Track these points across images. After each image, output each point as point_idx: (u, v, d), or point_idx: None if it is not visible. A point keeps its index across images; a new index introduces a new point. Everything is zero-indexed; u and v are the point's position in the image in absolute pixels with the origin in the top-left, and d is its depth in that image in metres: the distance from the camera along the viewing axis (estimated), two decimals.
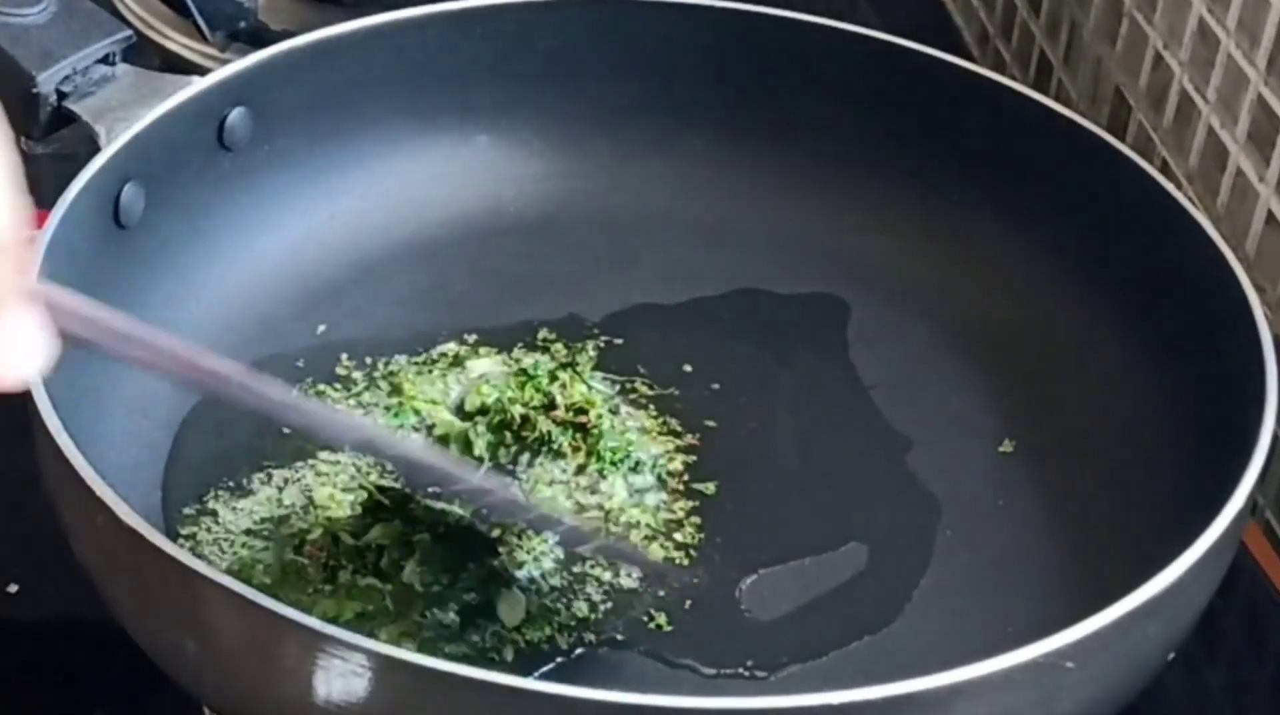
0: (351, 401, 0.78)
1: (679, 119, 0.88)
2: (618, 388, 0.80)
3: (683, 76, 0.88)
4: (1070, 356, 0.81)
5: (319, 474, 0.74)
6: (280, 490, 0.73)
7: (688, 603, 0.70)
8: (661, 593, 0.70)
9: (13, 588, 0.74)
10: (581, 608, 0.70)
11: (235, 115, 0.80)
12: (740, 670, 0.68)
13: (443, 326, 0.82)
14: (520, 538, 0.71)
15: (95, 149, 0.75)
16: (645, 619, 0.70)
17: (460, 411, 0.77)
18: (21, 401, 0.65)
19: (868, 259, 0.86)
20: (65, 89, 0.77)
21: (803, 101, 0.87)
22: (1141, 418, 0.77)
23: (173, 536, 0.71)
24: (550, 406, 0.75)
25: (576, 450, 0.75)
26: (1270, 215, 0.80)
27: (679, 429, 0.78)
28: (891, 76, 0.86)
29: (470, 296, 0.84)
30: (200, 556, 0.70)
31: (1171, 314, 0.78)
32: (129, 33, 0.79)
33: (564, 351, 0.81)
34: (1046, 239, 0.83)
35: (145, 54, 0.91)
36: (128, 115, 0.76)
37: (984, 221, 0.85)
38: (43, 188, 0.91)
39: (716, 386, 0.80)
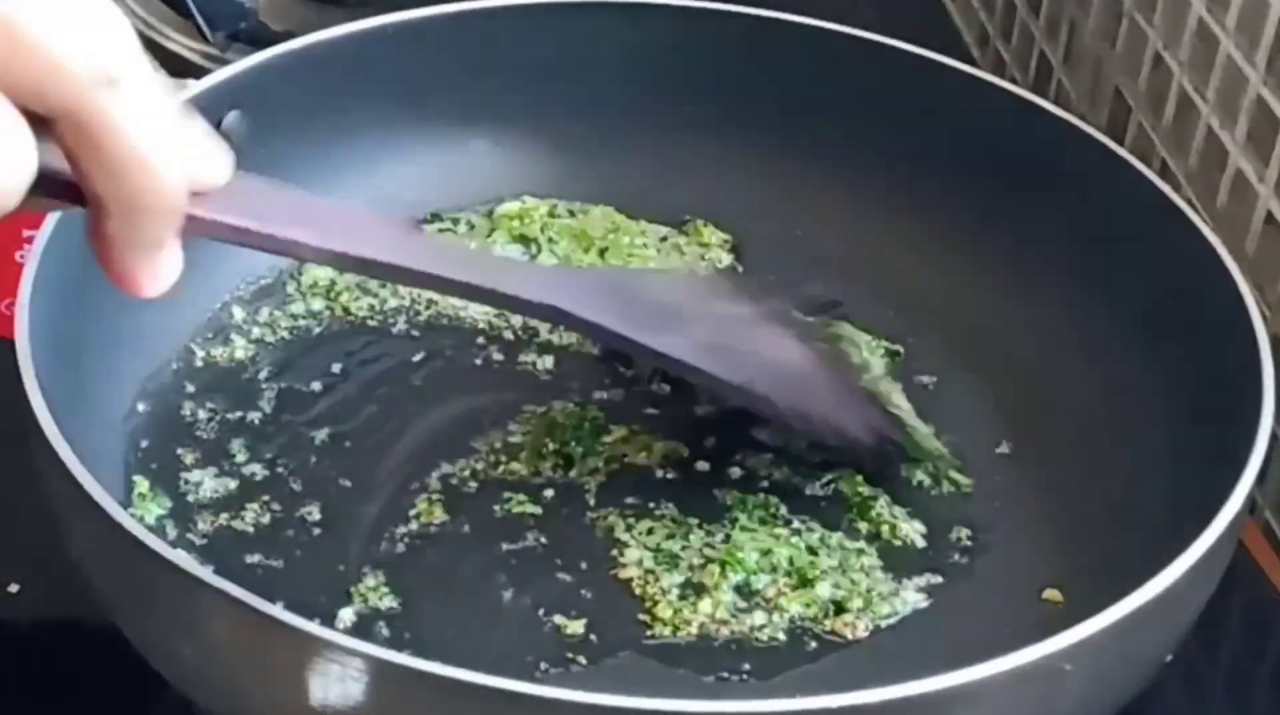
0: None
1: (677, 122, 0.88)
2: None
3: (681, 79, 0.88)
4: (1068, 357, 0.81)
5: None
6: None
7: (686, 607, 0.71)
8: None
9: (13, 587, 0.73)
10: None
11: (231, 118, 0.80)
12: (740, 674, 0.68)
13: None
14: None
15: None
16: (644, 623, 0.70)
17: None
18: (21, 401, 0.65)
19: (865, 259, 0.86)
20: None
21: (801, 103, 0.87)
22: (1139, 418, 0.77)
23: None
24: None
25: None
26: (1269, 216, 0.80)
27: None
28: (889, 78, 0.86)
29: None
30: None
31: (1169, 315, 0.77)
32: None
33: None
34: (1044, 240, 0.83)
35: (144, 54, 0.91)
36: None
37: (982, 222, 0.85)
38: None
39: None
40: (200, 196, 0.56)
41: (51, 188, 0.52)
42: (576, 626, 0.70)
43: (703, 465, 0.77)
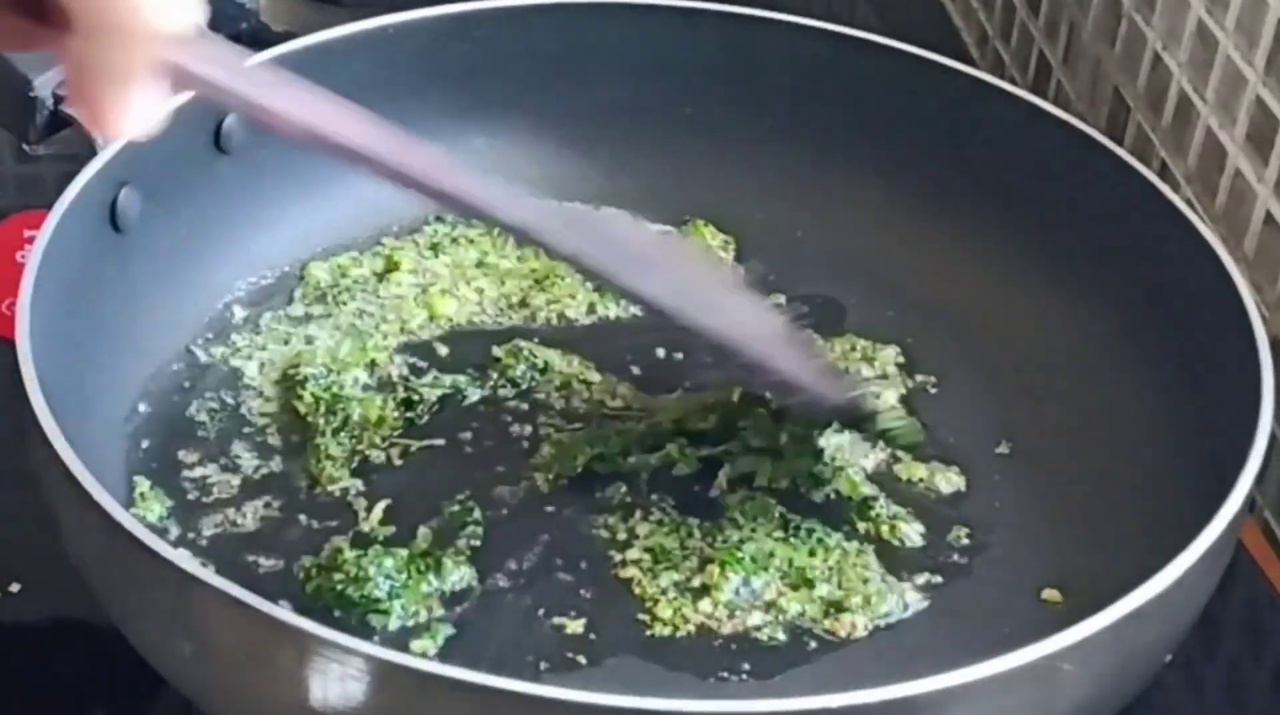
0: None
1: (677, 122, 0.88)
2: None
3: (680, 80, 0.88)
4: (1067, 358, 0.81)
5: None
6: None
7: (685, 607, 0.71)
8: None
9: (14, 587, 0.73)
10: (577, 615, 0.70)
11: (232, 118, 0.80)
12: (739, 674, 0.68)
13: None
14: None
15: (95, 150, 0.75)
16: (643, 622, 0.70)
17: None
18: (21, 401, 0.65)
19: (865, 260, 0.86)
20: (62, 92, 0.77)
21: (800, 104, 0.87)
22: (1138, 419, 0.77)
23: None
24: None
25: None
26: (1268, 216, 0.80)
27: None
28: (888, 79, 0.86)
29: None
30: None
31: (1168, 315, 0.78)
32: None
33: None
34: (1044, 241, 0.83)
35: None
36: None
37: (982, 223, 0.85)
38: (43, 187, 0.92)
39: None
40: (182, 45, 0.56)
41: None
42: (576, 626, 0.70)
43: (702, 466, 0.77)
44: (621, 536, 0.73)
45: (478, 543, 0.72)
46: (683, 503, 0.75)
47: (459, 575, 0.70)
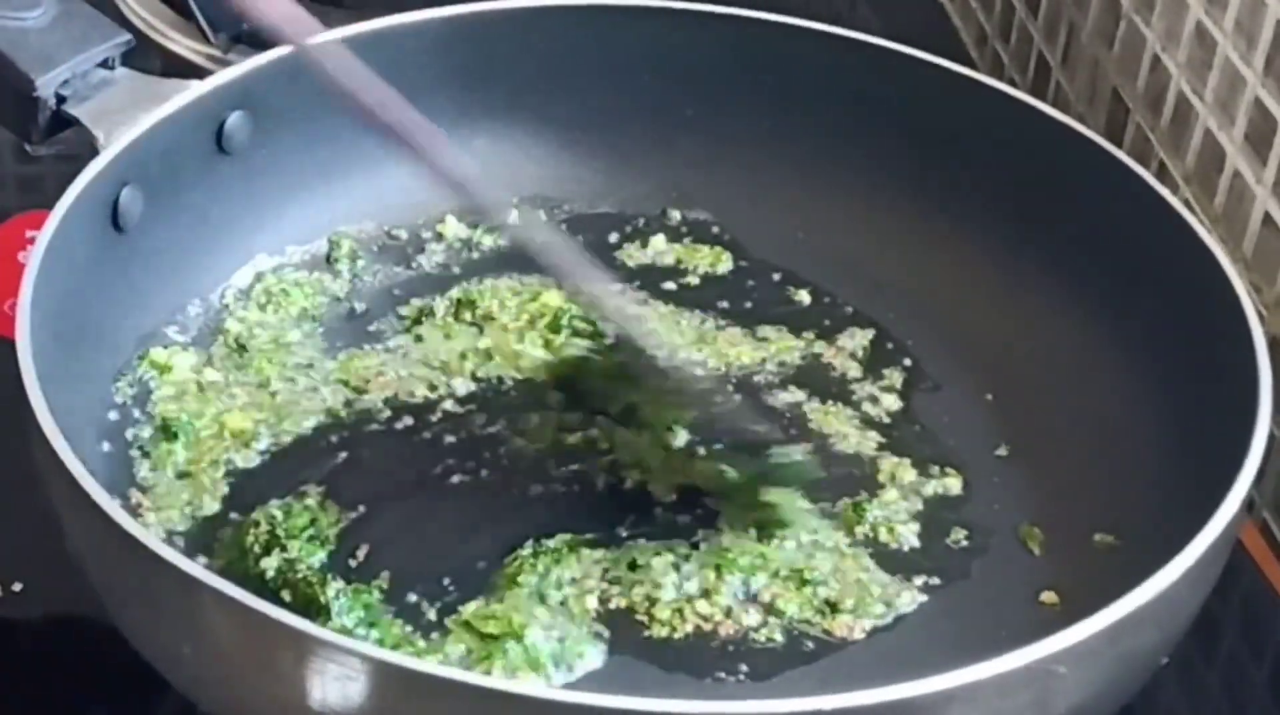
0: None
1: (676, 124, 0.88)
2: None
3: (680, 81, 0.88)
4: (1066, 359, 0.81)
5: None
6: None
7: (683, 608, 0.71)
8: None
9: (16, 586, 0.74)
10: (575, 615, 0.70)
11: (234, 119, 0.80)
12: (737, 675, 0.69)
13: None
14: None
15: (96, 151, 0.75)
16: (642, 623, 0.70)
17: None
18: (21, 402, 0.65)
19: (864, 261, 0.86)
20: (64, 93, 0.77)
21: (801, 106, 0.87)
22: (1137, 420, 0.77)
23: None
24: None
25: None
26: (1267, 216, 0.80)
27: None
28: (888, 81, 0.86)
29: None
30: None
31: (1167, 316, 0.77)
32: (128, 36, 0.79)
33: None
34: (1042, 242, 0.83)
35: (147, 56, 0.91)
36: (126, 119, 0.76)
37: (979, 225, 0.85)
38: (45, 188, 0.92)
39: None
40: None
41: None
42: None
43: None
44: (621, 536, 0.73)
45: None
46: (682, 504, 0.75)
47: None
